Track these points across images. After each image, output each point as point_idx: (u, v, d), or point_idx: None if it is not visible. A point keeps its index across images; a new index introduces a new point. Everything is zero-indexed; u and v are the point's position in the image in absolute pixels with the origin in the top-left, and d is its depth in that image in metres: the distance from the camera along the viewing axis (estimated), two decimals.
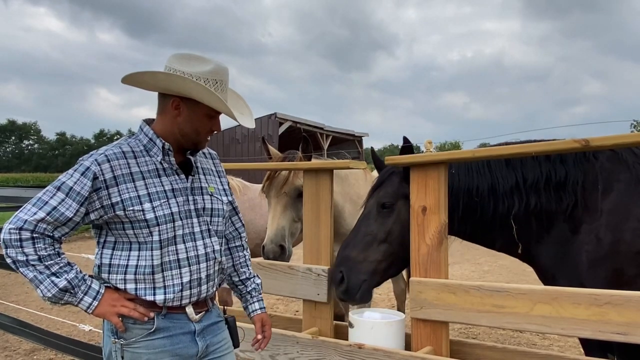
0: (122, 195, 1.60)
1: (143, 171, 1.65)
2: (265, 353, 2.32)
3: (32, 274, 1.53)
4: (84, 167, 1.58)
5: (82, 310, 1.66)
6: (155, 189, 1.65)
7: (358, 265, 2.30)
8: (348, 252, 2.31)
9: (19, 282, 7.94)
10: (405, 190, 2.32)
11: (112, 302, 1.62)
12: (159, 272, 1.64)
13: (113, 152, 1.63)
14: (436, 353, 2.07)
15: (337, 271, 2.36)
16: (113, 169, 1.60)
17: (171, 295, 1.66)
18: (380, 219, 2.36)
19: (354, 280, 2.29)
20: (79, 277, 1.59)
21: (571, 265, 2.21)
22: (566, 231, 2.23)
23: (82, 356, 3.60)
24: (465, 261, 9.73)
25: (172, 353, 1.67)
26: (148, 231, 1.62)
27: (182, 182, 1.72)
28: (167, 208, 1.65)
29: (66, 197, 1.54)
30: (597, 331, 1.70)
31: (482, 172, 2.32)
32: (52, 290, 1.54)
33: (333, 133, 21.13)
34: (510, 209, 2.25)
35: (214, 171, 1.89)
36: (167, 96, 1.70)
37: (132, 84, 1.71)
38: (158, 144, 1.70)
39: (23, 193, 4.39)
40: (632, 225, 2.11)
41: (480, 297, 1.94)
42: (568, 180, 2.20)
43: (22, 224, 1.52)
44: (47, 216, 1.53)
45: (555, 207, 2.22)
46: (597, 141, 1.80)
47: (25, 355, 4.71)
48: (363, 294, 2.32)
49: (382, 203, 2.38)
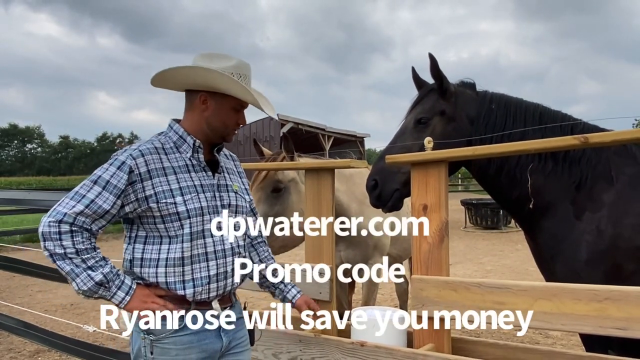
0: (155, 188, 1.66)
1: (174, 166, 1.72)
2: (268, 351, 2.34)
3: (68, 267, 1.57)
4: (120, 161, 1.63)
5: (86, 312, 1.71)
6: (186, 183, 1.72)
7: (392, 175, 2.44)
8: (383, 164, 2.41)
9: (23, 285, 7.96)
10: (442, 106, 2.46)
11: (143, 298, 1.67)
12: (188, 264, 1.70)
13: (146, 147, 1.70)
14: (438, 350, 2.08)
15: (370, 179, 2.50)
16: (147, 163, 1.66)
17: (199, 288, 1.72)
18: (416, 134, 2.47)
19: (387, 188, 2.45)
20: (113, 272, 1.63)
21: (570, 252, 2.23)
22: (571, 215, 2.27)
23: (86, 357, 3.61)
24: (468, 261, 9.72)
25: (200, 349, 1.73)
26: (179, 224, 1.68)
27: (210, 179, 1.80)
28: (197, 202, 1.71)
29: (103, 190, 1.59)
30: (597, 326, 1.71)
31: (517, 119, 2.42)
32: (88, 284, 1.58)
33: (335, 134, 21.13)
34: (529, 163, 2.33)
35: (236, 172, 1.97)
36: (194, 92, 1.77)
37: (160, 84, 1.79)
38: (189, 141, 1.77)
39: (27, 195, 4.40)
40: (632, 221, 2.12)
41: (481, 294, 1.95)
42: (583, 157, 2.28)
43: (61, 217, 1.55)
44: (86, 209, 1.57)
45: (566, 180, 2.29)
46: (597, 138, 1.81)
47: (30, 357, 4.73)
48: (394, 202, 2.47)
49: (419, 119, 2.49)
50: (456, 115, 2.46)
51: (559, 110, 2.49)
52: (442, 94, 2.48)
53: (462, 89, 2.55)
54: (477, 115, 2.44)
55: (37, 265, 4.18)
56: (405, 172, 2.38)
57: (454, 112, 2.47)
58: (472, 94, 2.53)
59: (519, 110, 2.43)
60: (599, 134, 1.84)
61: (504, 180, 2.40)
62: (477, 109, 2.46)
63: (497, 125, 2.41)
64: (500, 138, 2.36)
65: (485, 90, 2.56)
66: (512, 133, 2.38)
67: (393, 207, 2.50)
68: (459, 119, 2.46)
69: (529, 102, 2.49)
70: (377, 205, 2.56)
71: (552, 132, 2.33)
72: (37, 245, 7.91)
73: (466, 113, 2.46)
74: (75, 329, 5.19)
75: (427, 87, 2.59)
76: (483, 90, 2.56)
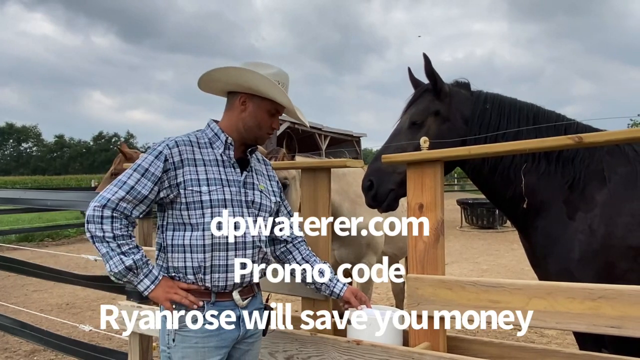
0: (184, 176, 1.80)
1: (205, 159, 1.87)
2: (264, 350, 2.34)
3: (105, 249, 1.73)
4: (157, 151, 1.80)
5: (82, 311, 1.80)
6: (213, 175, 1.85)
7: (387, 175, 2.48)
8: (379, 164, 2.46)
9: (19, 285, 7.94)
10: (436, 107, 2.48)
11: (167, 288, 1.81)
12: (208, 251, 1.81)
13: (182, 139, 1.86)
14: (433, 349, 2.08)
15: (366, 179, 2.55)
16: (181, 152, 1.82)
17: (217, 275, 1.84)
18: (410, 135, 2.50)
19: (382, 189, 2.49)
20: (143, 260, 1.79)
21: (563, 251, 2.25)
22: (564, 214, 2.28)
23: (82, 356, 3.61)
24: (464, 260, 9.75)
25: (219, 337, 1.85)
26: (201, 212, 1.80)
27: (237, 175, 1.93)
28: (221, 194, 1.84)
29: (142, 177, 1.76)
30: (592, 325, 1.72)
31: (511, 119, 2.43)
32: (119, 267, 1.73)
33: (331, 133, 21.14)
34: (523, 163, 2.35)
35: (265, 175, 2.11)
36: (235, 94, 1.93)
37: (205, 86, 1.96)
38: (222, 138, 1.92)
39: (22, 194, 4.39)
40: (624, 220, 2.13)
41: (477, 293, 1.96)
42: (577, 157, 2.30)
43: (105, 202, 1.73)
44: (127, 195, 1.74)
45: (559, 180, 2.30)
46: (591, 138, 1.81)
47: (26, 357, 4.72)
48: (390, 202, 2.51)
49: (413, 120, 2.52)
50: (450, 115, 2.48)
51: (553, 111, 2.51)
52: (436, 94, 2.49)
53: (457, 89, 2.56)
54: (472, 115, 2.45)
55: (33, 265, 4.17)
56: (401, 173, 2.40)
57: (448, 112, 2.48)
58: (467, 93, 2.55)
59: (513, 110, 2.45)
60: (593, 133, 1.85)
61: (498, 179, 2.41)
62: (471, 109, 2.47)
63: (491, 125, 2.42)
64: (495, 138, 2.37)
65: (479, 90, 2.57)
66: (506, 133, 2.39)
67: (389, 207, 2.53)
68: (453, 119, 2.47)
69: (523, 102, 2.51)
70: (373, 206, 2.58)
71: (546, 132, 2.34)
72: (32, 244, 8.02)
73: (460, 113, 2.48)
74: (71, 329, 5.18)
75: (421, 87, 2.60)
76: (477, 90, 2.57)
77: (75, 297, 6.91)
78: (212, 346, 1.83)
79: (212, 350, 1.83)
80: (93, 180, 30.40)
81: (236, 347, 1.96)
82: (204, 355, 1.82)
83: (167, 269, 1.87)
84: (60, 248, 11.69)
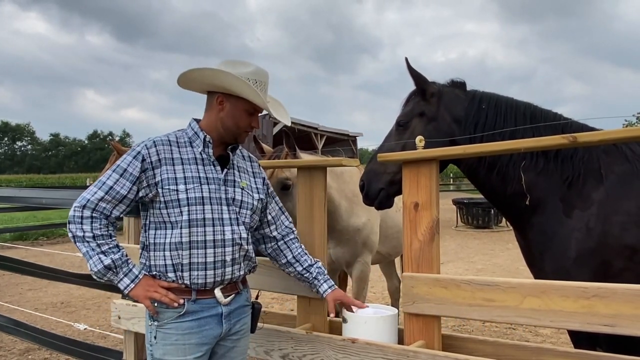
0: (162, 175, 1.83)
1: (183, 158, 1.88)
2: (260, 349, 2.34)
3: (85, 249, 1.76)
4: (136, 151, 1.83)
5: (77, 310, 1.83)
6: (191, 174, 1.86)
7: (377, 176, 2.58)
8: (371, 166, 2.60)
9: (13, 283, 7.91)
10: (421, 108, 2.55)
11: (147, 287, 1.83)
12: (186, 249, 1.82)
13: (160, 139, 1.89)
14: (428, 347, 2.09)
15: (360, 180, 2.68)
16: (158, 152, 1.84)
17: (195, 273, 1.84)
18: (398, 136, 2.58)
19: (373, 188, 2.59)
20: (122, 259, 1.81)
21: (559, 249, 2.26)
22: (560, 212, 2.29)
23: (77, 355, 3.60)
24: (459, 259, 9.78)
25: (200, 335, 1.86)
26: (179, 210, 1.82)
27: (217, 173, 1.93)
28: (198, 192, 1.85)
29: (120, 177, 1.79)
30: (585, 323, 1.73)
31: (508, 117, 2.46)
32: (98, 266, 1.76)
33: (327, 133, 21.14)
34: (522, 161, 2.37)
35: (250, 172, 2.09)
36: (213, 94, 1.94)
37: (186, 85, 1.97)
38: (200, 137, 1.92)
39: (17, 193, 4.37)
40: (620, 219, 2.14)
41: (471, 291, 1.96)
42: (575, 155, 2.31)
43: (85, 202, 1.76)
44: (106, 195, 1.78)
45: (557, 177, 2.32)
46: (585, 137, 1.82)
47: (20, 355, 4.70)
48: (382, 200, 2.60)
49: (399, 122, 2.60)
50: (438, 115, 2.51)
51: (550, 110, 2.52)
52: (422, 95, 2.55)
53: (449, 88, 2.58)
54: (466, 114, 2.47)
55: (27, 263, 4.16)
56: (390, 173, 2.49)
57: (435, 113, 2.51)
58: (460, 93, 2.56)
59: (509, 110, 2.46)
60: (587, 133, 1.86)
61: (496, 177, 2.42)
62: (465, 108, 2.48)
63: (487, 124, 2.43)
64: (491, 137, 2.38)
65: (474, 90, 2.58)
66: (503, 132, 2.40)
67: (381, 204, 2.62)
68: (440, 119, 2.50)
69: (519, 101, 2.52)
70: (367, 204, 2.67)
71: (544, 130, 2.35)
72: (27, 243, 8.00)
73: (450, 112, 2.50)
74: (66, 327, 5.16)
75: (411, 92, 2.66)
76: (472, 90, 2.58)
77: (70, 296, 6.89)
78: (192, 343, 1.84)
79: (192, 347, 1.84)
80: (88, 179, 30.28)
81: (220, 344, 1.96)
82: (184, 352, 1.83)
83: (149, 268, 1.89)
84: (55, 247, 11.63)
